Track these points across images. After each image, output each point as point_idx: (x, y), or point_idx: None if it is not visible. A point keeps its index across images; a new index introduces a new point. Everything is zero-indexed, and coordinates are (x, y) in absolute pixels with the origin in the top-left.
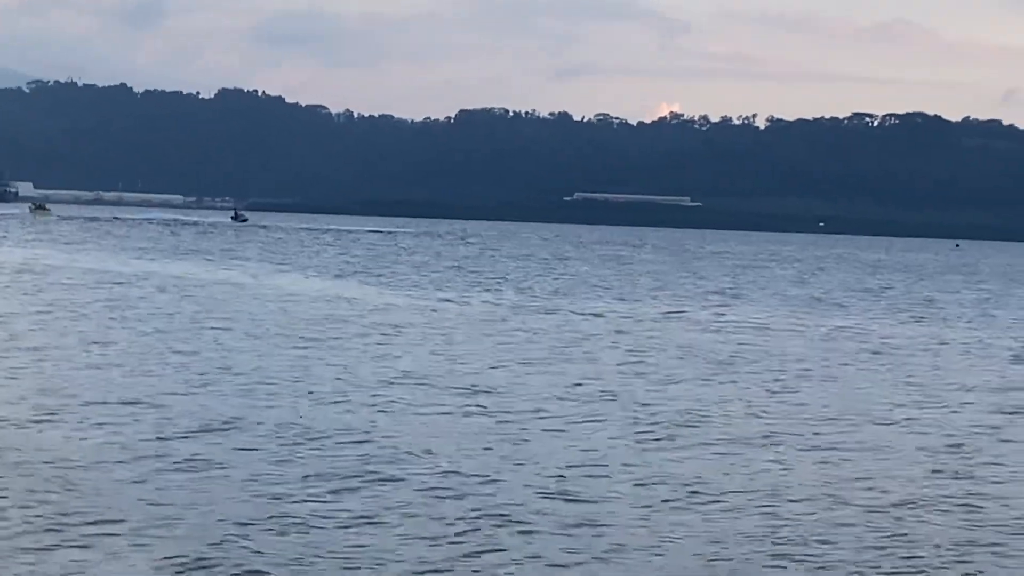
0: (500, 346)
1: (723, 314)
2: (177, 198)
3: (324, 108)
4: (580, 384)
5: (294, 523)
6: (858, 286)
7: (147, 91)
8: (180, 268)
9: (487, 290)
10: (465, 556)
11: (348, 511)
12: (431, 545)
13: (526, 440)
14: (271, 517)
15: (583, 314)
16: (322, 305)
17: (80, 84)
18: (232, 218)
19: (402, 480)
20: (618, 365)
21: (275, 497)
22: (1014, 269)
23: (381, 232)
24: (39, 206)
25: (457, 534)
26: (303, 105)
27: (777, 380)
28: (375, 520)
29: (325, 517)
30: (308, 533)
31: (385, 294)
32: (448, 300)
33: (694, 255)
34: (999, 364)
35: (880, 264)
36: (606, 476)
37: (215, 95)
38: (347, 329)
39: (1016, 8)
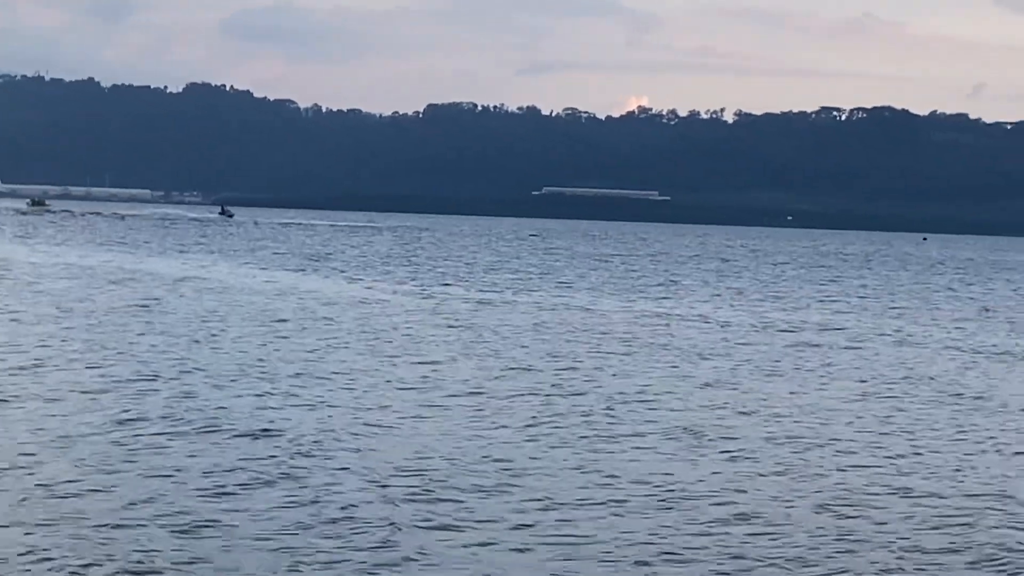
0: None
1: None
2: (145, 193)
3: (292, 103)
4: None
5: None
6: (766, 276)
7: (115, 85)
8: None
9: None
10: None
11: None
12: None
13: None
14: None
15: (503, 303)
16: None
17: (48, 79)
18: (219, 213)
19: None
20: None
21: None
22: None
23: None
24: (37, 202)
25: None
26: (271, 100)
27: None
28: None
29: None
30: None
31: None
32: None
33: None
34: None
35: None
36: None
37: (183, 89)
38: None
39: (985, 2)
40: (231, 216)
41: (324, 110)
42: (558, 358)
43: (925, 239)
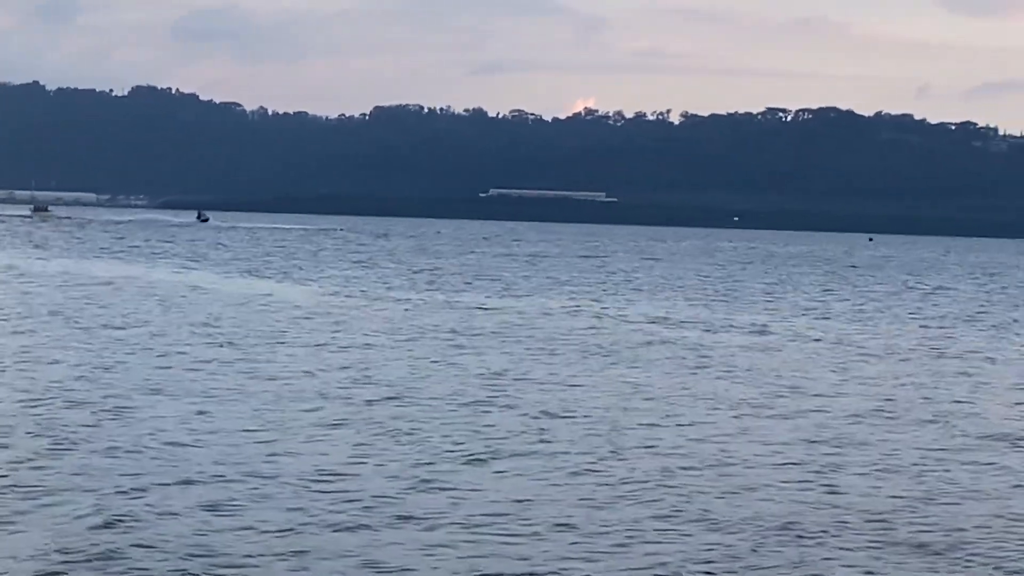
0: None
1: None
2: (91, 196)
3: (239, 105)
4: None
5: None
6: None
7: (60, 89)
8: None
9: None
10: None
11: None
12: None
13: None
14: None
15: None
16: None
17: None
18: (197, 218)
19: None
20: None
21: None
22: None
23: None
24: (40, 208)
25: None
26: (217, 102)
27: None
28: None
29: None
30: None
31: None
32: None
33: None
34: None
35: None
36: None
37: (129, 92)
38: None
39: (930, 3)
40: (206, 220)
41: (270, 112)
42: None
43: (871, 239)
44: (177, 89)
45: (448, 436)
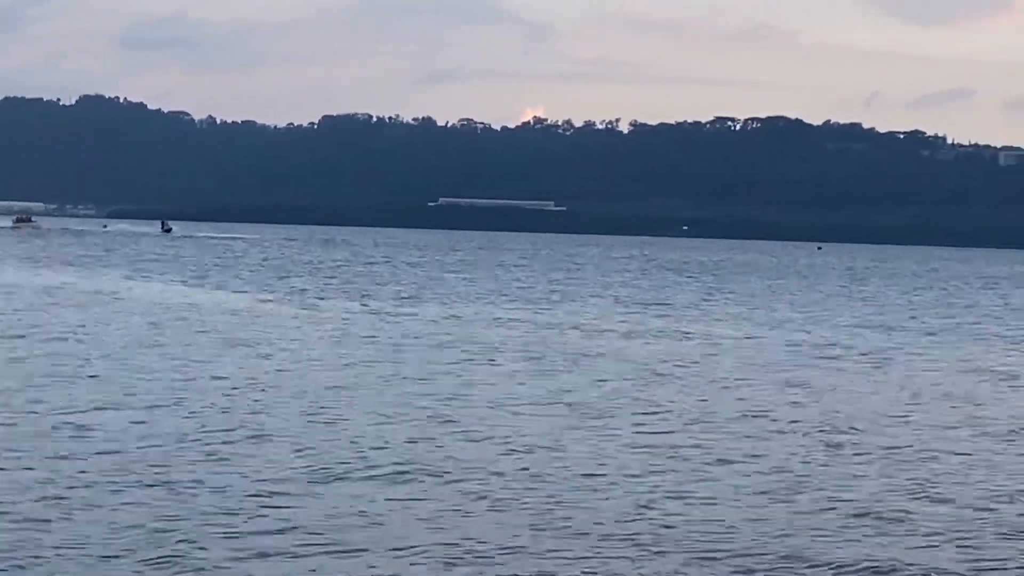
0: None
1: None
2: (38, 205)
3: (187, 114)
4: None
5: None
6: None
7: (7, 98)
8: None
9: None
10: None
11: None
12: None
13: None
14: None
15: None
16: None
17: None
18: (161, 229)
19: None
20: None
21: None
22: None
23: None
24: (23, 219)
25: None
26: (166, 111)
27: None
28: None
29: None
30: None
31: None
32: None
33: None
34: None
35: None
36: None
37: (76, 101)
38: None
39: (878, 12)
40: (170, 231)
41: (219, 121)
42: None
43: (820, 248)
44: (125, 98)
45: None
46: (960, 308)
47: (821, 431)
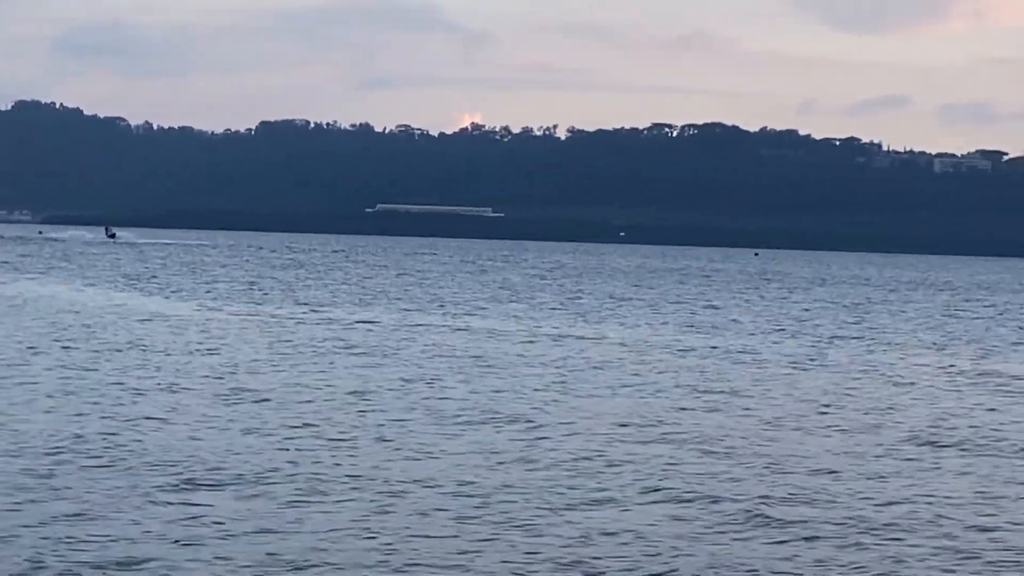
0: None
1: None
2: None
3: (123, 120)
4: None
5: None
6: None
7: None
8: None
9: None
10: None
11: None
12: None
13: None
14: None
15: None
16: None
17: None
18: (106, 235)
19: None
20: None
21: None
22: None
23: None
24: None
25: None
26: (102, 117)
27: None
28: None
29: None
30: None
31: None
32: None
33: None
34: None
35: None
36: None
37: (11, 107)
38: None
39: (814, 20)
40: (114, 236)
41: (155, 127)
42: None
43: (756, 254)
44: (61, 104)
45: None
46: (862, 313)
47: (697, 440)
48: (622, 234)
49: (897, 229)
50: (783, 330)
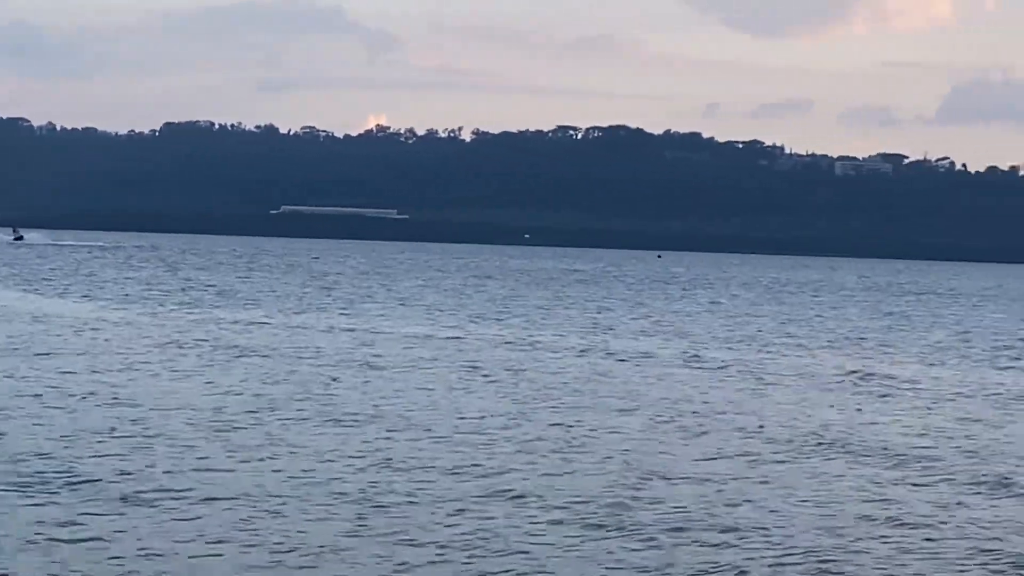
0: None
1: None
2: None
3: (26, 121)
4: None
5: None
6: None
7: None
8: None
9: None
10: None
11: None
12: None
13: None
14: None
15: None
16: None
17: None
18: (12, 236)
19: None
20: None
21: None
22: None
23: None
24: None
25: None
26: (4, 118)
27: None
28: None
29: None
30: None
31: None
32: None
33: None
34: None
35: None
36: None
37: None
38: None
39: (718, 24)
40: (21, 239)
41: (59, 128)
42: None
43: (660, 256)
44: None
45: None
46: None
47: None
48: (527, 236)
49: (799, 231)
50: (662, 333)
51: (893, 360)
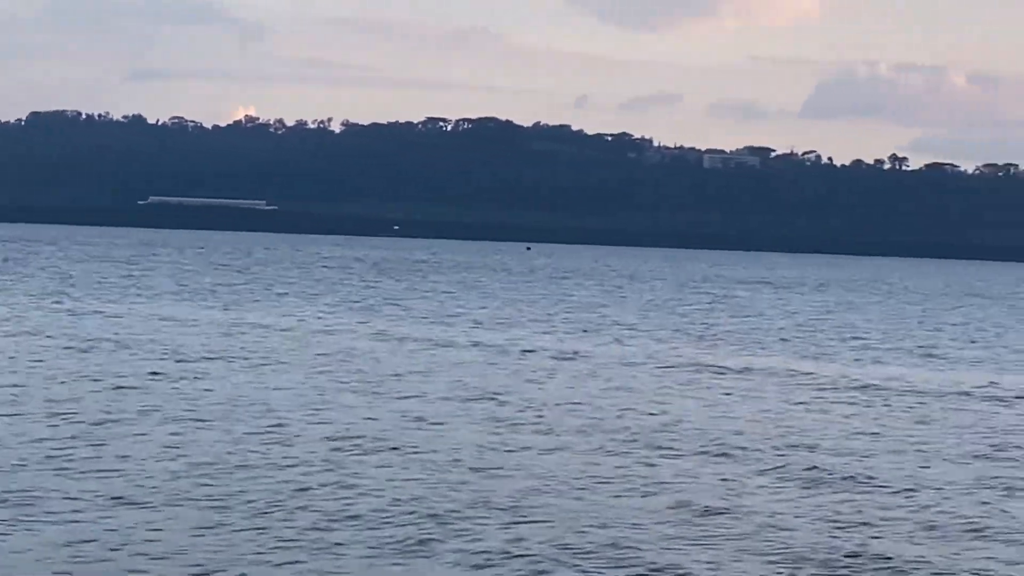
0: None
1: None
2: None
3: None
4: None
5: None
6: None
7: None
8: None
9: None
10: None
11: None
12: None
13: None
14: None
15: None
16: None
17: None
18: None
19: None
20: None
21: None
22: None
23: None
24: None
25: None
26: None
27: None
28: None
29: None
30: None
31: None
32: None
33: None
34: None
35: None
36: None
37: None
38: None
39: (588, 17)
40: None
41: None
42: None
43: (529, 248)
44: None
45: None
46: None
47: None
48: (396, 228)
49: (667, 224)
50: (498, 322)
51: (716, 350)
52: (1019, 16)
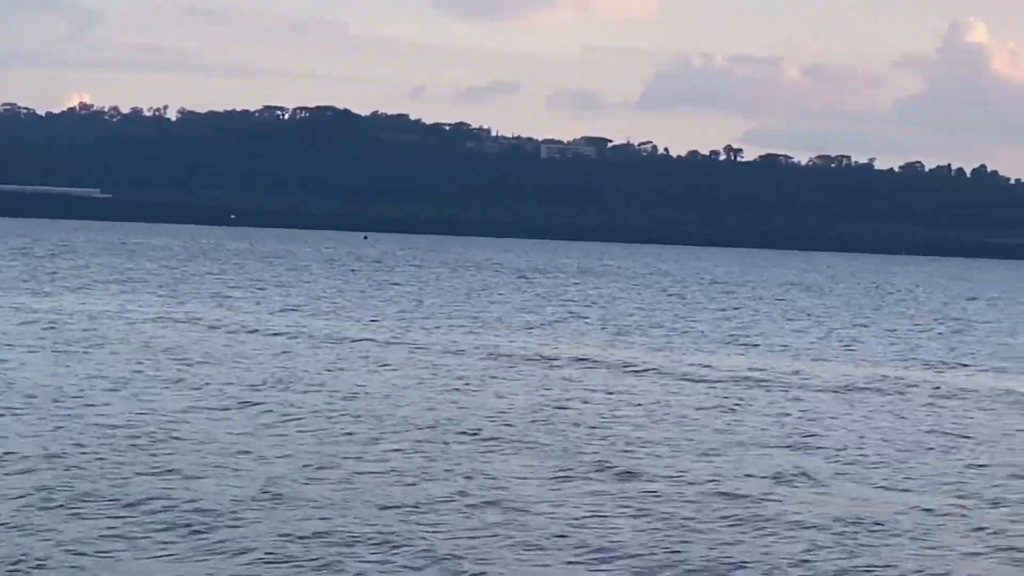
0: None
1: None
2: None
3: None
4: None
5: None
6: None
7: None
8: None
9: None
10: None
11: None
12: None
13: None
14: None
15: None
16: None
17: None
18: None
19: None
20: None
21: None
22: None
23: None
24: None
25: None
26: None
27: None
28: None
29: None
30: None
31: None
32: None
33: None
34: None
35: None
36: None
37: None
38: None
39: (427, 6)
40: None
41: None
42: None
43: (366, 237)
44: None
45: None
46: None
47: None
48: (232, 216)
49: (505, 215)
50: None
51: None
52: (853, 9)
